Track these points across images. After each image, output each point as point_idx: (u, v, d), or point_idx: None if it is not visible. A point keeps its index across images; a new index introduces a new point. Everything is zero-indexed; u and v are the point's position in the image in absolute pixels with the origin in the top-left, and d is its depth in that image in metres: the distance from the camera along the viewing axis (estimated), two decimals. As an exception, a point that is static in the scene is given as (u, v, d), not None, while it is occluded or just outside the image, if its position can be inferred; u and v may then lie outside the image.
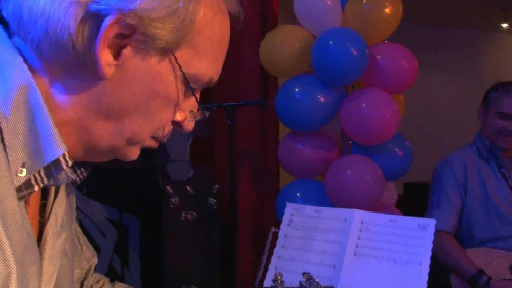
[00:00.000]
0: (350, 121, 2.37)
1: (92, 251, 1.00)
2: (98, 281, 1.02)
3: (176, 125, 0.74)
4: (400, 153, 2.56)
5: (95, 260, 1.00)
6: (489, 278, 1.92)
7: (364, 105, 2.32)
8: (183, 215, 2.71)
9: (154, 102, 0.66)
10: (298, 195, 2.52)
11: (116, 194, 3.16)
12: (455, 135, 5.92)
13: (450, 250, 2.02)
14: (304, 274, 1.19)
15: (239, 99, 2.55)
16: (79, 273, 0.94)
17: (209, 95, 2.97)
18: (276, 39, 2.53)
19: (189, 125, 0.74)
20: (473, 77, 6.74)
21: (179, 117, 0.72)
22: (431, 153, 4.88)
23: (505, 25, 6.75)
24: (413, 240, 1.47)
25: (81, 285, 0.96)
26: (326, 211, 1.65)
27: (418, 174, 3.89)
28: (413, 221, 1.51)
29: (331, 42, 2.28)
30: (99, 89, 0.63)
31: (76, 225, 0.90)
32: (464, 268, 1.97)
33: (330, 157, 2.52)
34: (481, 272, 1.93)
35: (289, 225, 1.66)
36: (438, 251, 2.01)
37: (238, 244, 2.77)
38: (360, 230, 1.55)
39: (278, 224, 1.60)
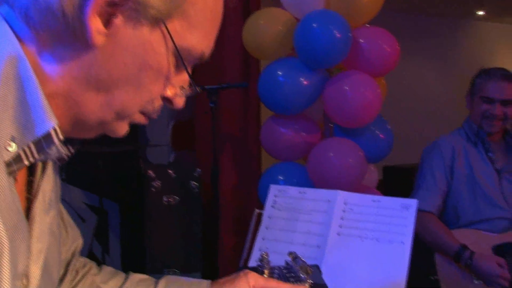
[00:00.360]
0: (333, 103, 2.38)
1: (77, 233, 0.97)
2: (84, 266, 1.00)
3: (166, 101, 0.72)
4: (381, 136, 2.59)
5: (80, 242, 0.98)
6: (472, 252, 1.96)
7: (346, 87, 2.33)
8: (165, 199, 2.70)
9: (145, 74, 0.65)
10: (281, 177, 2.53)
11: (95, 180, 3.12)
12: (434, 119, 6.00)
13: (434, 229, 2.05)
14: (290, 253, 1.19)
15: (221, 81, 2.54)
16: (63, 255, 0.91)
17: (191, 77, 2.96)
18: (259, 21, 2.52)
19: (180, 101, 0.73)
20: (451, 64, 6.83)
21: (169, 92, 0.70)
22: (410, 137, 4.95)
23: (480, 13, 6.81)
24: (395, 220, 1.49)
25: (66, 268, 0.94)
26: (310, 192, 1.66)
27: (397, 158, 3.94)
28: (396, 201, 1.53)
29: (314, 25, 2.27)
30: (89, 59, 0.61)
31: (61, 205, 0.88)
32: (448, 245, 2.01)
33: (312, 140, 2.53)
34: (464, 247, 1.97)
35: (273, 207, 1.66)
36: (422, 230, 2.04)
37: (220, 227, 2.77)
38: (343, 211, 1.56)
39: (260, 207, 1.61)
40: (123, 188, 3.20)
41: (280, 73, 2.41)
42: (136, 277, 0.99)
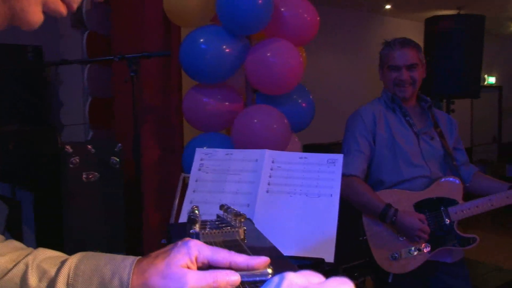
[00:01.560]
0: (256, 70, 2.37)
1: None
2: None
3: None
4: (304, 105, 2.63)
5: None
6: (396, 210, 2.05)
7: (269, 54, 2.33)
8: (84, 175, 2.57)
9: None
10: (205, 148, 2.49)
11: (6, 168, 2.90)
12: (348, 103, 6.18)
13: (361, 190, 2.13)
14: (221, 206, 1.17)
15: (140, 50, 2.44)
16: None
17: (108, 46, 2.83)
18: (180, -13, 2.45)
19: None
20: (361, 56, 7.00)
21: None
22: (327, 117, 5.08)
23: (388, 6, 7.03)
24: (323, 174, 1.51)
25: None
26: (237, 153, 1.65)
27: (316, 137, 4.06)
28: (322, 157, 1.55)
29: (236, -10, 2.25)
30: None
31: None
32: (374, 205, 2.10)
33: (235, 109, 2.51)
34: (389, 206, 2.06)
35: (200, 170, 1.63)
36: (350, 193, 2.11)
37: (144, 202, 2.69)
38: (271, 169, 1.56)
39: (184, 180, 1.58)
40: (38, 173, 3.00)
41: (202, 41, 2.36)
42: (45, 253, 0.78)
